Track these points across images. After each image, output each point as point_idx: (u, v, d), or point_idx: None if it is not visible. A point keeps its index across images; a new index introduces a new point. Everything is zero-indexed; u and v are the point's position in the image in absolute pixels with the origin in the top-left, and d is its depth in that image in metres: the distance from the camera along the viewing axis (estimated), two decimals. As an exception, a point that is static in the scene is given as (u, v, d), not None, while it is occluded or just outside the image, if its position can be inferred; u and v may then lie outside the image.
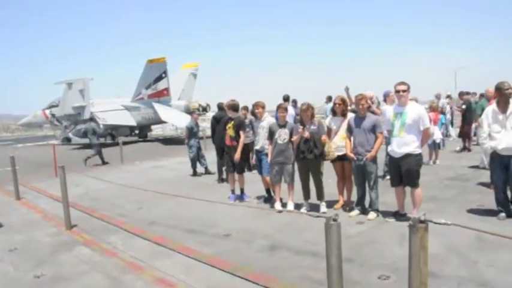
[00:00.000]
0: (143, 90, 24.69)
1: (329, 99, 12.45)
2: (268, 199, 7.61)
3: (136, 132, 26.73)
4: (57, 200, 8.72)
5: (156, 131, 32.37)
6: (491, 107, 5.86)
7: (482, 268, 4.16)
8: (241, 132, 7.66)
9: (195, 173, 11.34)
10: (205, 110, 27.47)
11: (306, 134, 6.44)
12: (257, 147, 7.54)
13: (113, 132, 25.31)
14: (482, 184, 7.75)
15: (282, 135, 6.76)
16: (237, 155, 7.56)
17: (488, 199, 6.39)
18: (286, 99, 12.07)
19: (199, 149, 11.44)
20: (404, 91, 5.74)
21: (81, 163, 14.27)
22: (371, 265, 4.38)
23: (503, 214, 5.77)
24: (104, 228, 6.53)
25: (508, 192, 5.95)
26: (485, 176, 7.80)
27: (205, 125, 37.41)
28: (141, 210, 7.54)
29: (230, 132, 7.66)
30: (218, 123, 9.15)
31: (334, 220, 2.56)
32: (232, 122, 7.68)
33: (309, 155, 6.47)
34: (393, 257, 4.54)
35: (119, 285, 4.33)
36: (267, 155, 7.07)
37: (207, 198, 7.72)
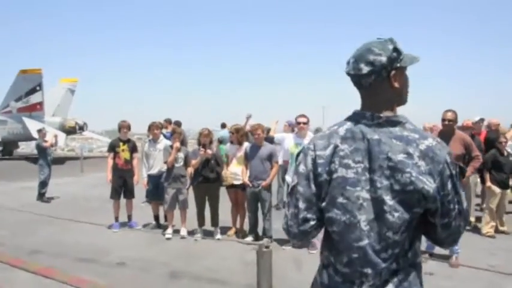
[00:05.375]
0: (12, 103, 22.29)
1: (223, 125, 12.74)
2: (157, 226, 7.48)
3: (0, 148, 23.94)
4: None
5: (22, 148, 29.29)
6: None
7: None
8: (134, 155, 7.52)
9: (41, 197, 10.17)
10: (82, 128, 25.79)
11: (210, 153, 6.60)
12: (154, 171, 7.36)
13: (-30, 148, 22.41)
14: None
15: (178, 158, 6.79)
16: (136, 178, 7.44)
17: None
18: (178, 124, 12.10)
19: (50, 169, 10.46)
20: (305, 123, 6.22)
21: None
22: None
23: None
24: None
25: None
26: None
27: (75, 144, 35.07)
28: (18, 238, 6.82)
29: (125, 154, 7.36)
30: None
31: (267, 247, 2.74)
32: (127, 144, 7.47)
33: (210, 174, 6.62)
34: (291, 281, 4.84)
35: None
36: (164, 179, 6.97)
37: (94, 222, 7.47)
